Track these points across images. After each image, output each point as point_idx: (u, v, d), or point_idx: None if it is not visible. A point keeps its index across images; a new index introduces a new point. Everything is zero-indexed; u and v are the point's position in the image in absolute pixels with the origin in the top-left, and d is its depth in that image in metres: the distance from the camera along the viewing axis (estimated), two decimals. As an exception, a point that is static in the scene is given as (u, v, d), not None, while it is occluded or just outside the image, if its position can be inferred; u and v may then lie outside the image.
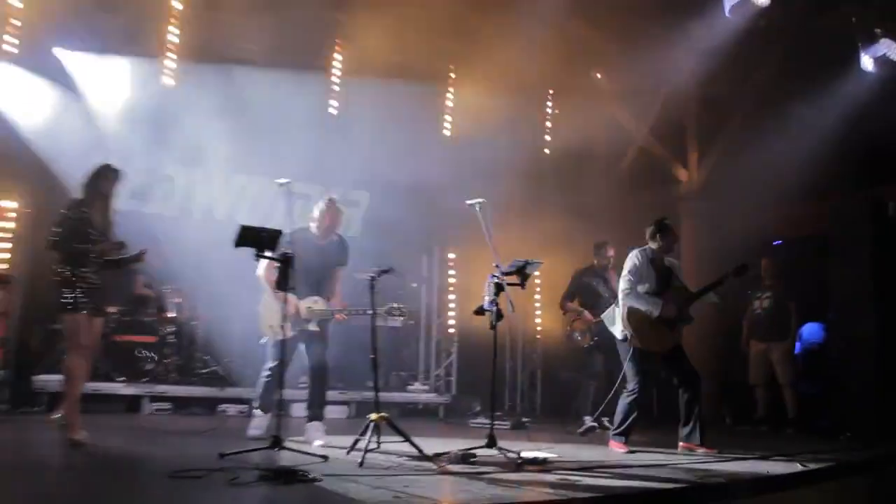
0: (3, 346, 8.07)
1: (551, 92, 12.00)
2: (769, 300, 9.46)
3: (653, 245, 6.94)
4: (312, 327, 6.43)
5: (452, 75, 11.25)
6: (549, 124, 11.98)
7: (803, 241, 10.40)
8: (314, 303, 6.46)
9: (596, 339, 8.48)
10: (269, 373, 6.56)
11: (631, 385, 6.78)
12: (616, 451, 6.61)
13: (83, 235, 5.68)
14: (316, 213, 6.70)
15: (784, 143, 9.36)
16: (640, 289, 6.75)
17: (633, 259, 6.84)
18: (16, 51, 8.78)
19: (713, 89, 10.65)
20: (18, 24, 8.82)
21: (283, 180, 5.62)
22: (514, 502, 4.25)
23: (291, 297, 6.07)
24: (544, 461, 5.54)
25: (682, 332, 6.96)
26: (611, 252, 8.83)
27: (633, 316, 6.71)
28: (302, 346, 6.56)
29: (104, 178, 5.92)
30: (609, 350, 8.39)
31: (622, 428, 6.72)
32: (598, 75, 11.41)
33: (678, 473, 5.30)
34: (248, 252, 5.45)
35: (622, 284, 6.81)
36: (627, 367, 6.79)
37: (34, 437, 6.54)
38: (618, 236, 8.97)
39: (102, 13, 9.13)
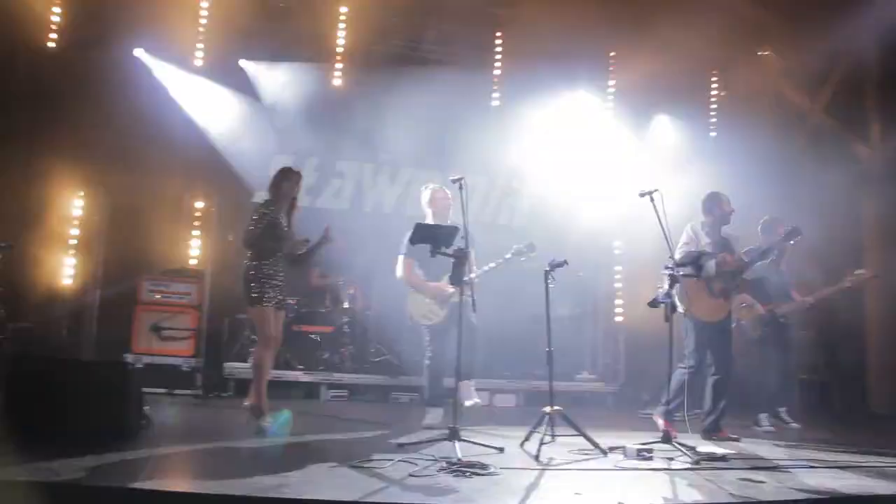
0: (196, 336, 8.66)
1: (716, 72, 11.56)
2: None
3: (705, 219, 6.84)
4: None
5: (612, 59, 11.04)
6: (714, 106, 11.55)
7: None
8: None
9: (766, 329, 8.05)
10: (428, 361, 6.99)
11: (689, 360, 6.65)
12: (659, 425, 6.47)
13: (273, 233, 6.01)
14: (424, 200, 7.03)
15: None
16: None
17: (687, 232, 6.83)
18: (202, 63, 9.47)
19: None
20: (203, 38, 9.58)
21: (456, 176, 5.70)
22: (697, 502, 4.13)
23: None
24: (723, 458, 5.37)
25: (731, 306, 6.76)
26: (781, 230, 8.25)
27: (687, 284, 6.52)
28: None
29: (287, 179, 6.22)
30: (779, 341, 8.02)
31: (670, 405, 6.60)
32: (766, 53, 10.86)
33: (871, 476, 4.99)
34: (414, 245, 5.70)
35: (677, 256, 6.53)
36: (686, 341, 6.68)
37: (225, 422, 6.98)
38: (793, 222, 8.51)
39: (276, 23, 9.61)
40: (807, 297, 8.06)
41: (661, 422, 6.54)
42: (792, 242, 6.67)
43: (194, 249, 9.57)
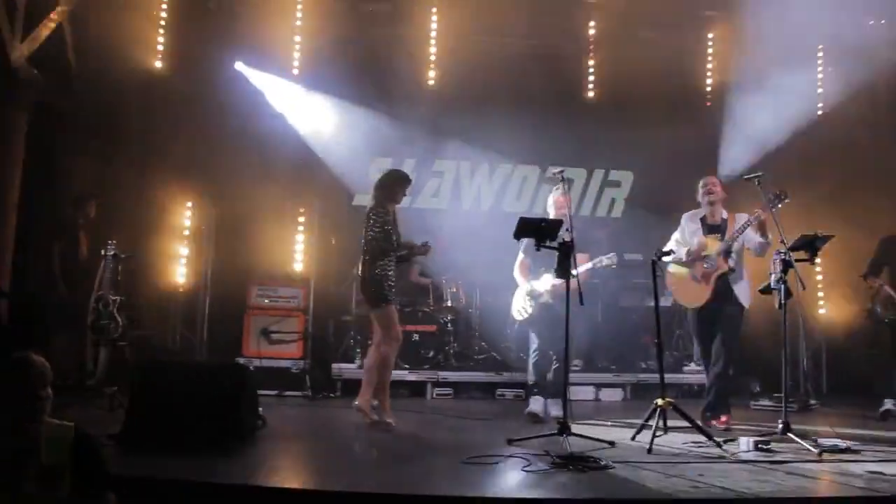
0: (304, 338, 8.88)
1: (821, 48, 11.09)
2: None
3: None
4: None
5: (711, 37, 10.79)
6: (820, 84, 11.09)
7: None
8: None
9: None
10: (535, 354, 7.06)
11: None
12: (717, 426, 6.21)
13: (390, 236, 6.20)
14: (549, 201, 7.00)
15: None
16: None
17: (682, 219, 6.77)
18: (298, 71, 9.77)
19: None
20: (300, 46, 9.87)
21: (556, 169, 5.67)
22: (823, 496, 3.99)
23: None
24: (847, 449, 5.18)
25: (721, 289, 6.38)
26: None
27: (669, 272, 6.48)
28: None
29: (400, 185, 6.41)
30: None
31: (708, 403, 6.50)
32: (876, 22, 10.35)
33: None
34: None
35: (668, 247, 6.51)
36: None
37: (336, 421, 7.12)
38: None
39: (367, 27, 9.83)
40: None
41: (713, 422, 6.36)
42: (780, 206, 6.14)
43: (298, 254, 9.80)
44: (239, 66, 9.54)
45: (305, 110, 9.82)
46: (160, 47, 9.65)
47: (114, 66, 8.72)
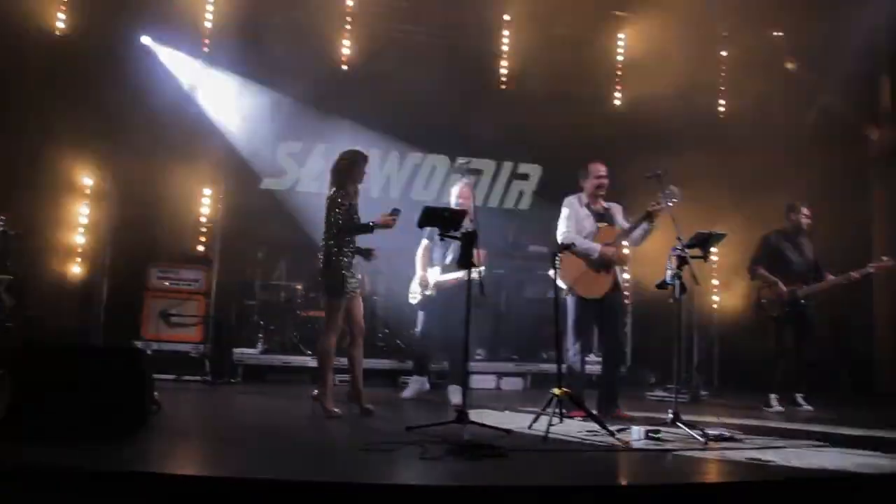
0: (206, 322, 8.71)
1: (724, 53, 11.49)
2: None
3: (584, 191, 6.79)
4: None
5: (621, 41, 11.02)
6: (722, 87, 11.50)
7: None
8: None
9: (787, 310, 8.02)
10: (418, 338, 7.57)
11: (570, 341, 6.59)
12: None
13: (350, 218, 6.16)
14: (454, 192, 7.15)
15: None
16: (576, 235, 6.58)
17: (565, 206, 6.75)
18: (208, 50, 9.52)
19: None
20: (211, 24, 9.63)
21: (463, 160, 5.70)
22: (706, 482, 4.16)
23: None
24: (731, 438, 5.39)
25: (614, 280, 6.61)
26: (805, 212, 8.25)
27: (567, 262, 6.42)
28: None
29: (359, 164, 6.29)
30: (797, 323, 8.01)
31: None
32: (778, 33, 10.79)
33: (881, 456, 4.99)
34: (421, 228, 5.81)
35: (559, 232, 6.65)
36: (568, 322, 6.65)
37: (234, 407, 7.02)
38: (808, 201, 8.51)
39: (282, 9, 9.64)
40: (836, 277, 8.02)
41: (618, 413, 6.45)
42: (671, 204, 6.24)
43: (202, 236, 9.59)
44: (145, 40, 9.24)
45: (214, 90, 9.59)
46: (62, 15, 9.22)
47: (12, 27, 8.34)
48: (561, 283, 6.41)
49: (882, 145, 10.50)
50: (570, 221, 6.68)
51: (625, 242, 6.75)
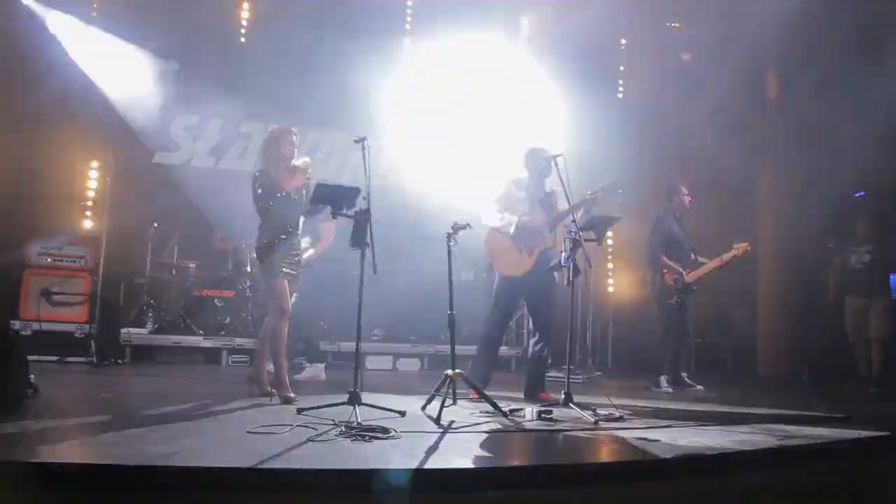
0: (90, 301, 8.34)
1: (624, 38, 11.72)
2: (868, 255, 9.06)
3: (527, 174, 6.78)
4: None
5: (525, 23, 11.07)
6: (621, 81, 11.74)
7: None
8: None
9: (682, 295, 8.23)
10: None
11: (492, 317, 6.76)
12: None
13: (266, 200, 5.95)
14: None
15: (877, 84, 8.79)
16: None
17: (499, 187, 6.74)
18: (95, 14, 9.05)
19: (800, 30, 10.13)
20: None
21: (358, 137, 5.59)
22: (592, 461, 4.22)
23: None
24: (620, 418, 5.50)
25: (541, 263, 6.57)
26: (685, 192, 8.45)
27: (493, 241, 6.63)
28: None
29: (280, 139, 6.04)
30: (683, 306, 8.24)
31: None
32: (674, 25, 11.06)
33: (757, 433, 5.19)
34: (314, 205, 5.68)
35: (489, 212, 6.65)
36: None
37: (120, 389, 6.76)
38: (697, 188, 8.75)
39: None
40: (713, 261, 8.25)
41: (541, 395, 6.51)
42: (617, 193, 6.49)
43: (88, 211, 9.18)
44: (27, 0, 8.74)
45: (102, 57, 9.15)
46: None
47: None
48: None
49: (767, 134, 10.88)
50: (502, 199, 6.65)
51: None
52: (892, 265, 9.15)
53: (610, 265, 10.89)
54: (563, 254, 5.83)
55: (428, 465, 3.85)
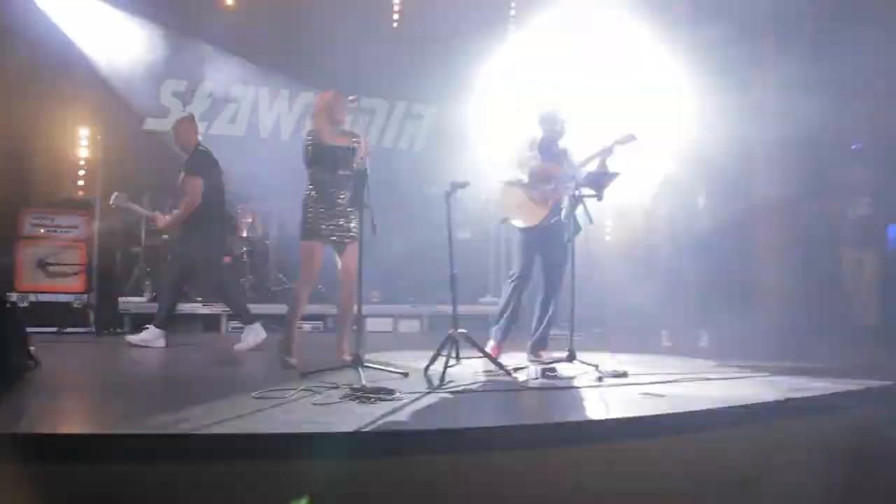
0: (87, 271, 8.28)
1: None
2: (866, 207, 8.96)
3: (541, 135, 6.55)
4: None
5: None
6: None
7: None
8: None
9: None
10: None
11: (514, 269, 6.52)
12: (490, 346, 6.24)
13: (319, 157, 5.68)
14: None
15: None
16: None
17: (514, 141, 6.58)
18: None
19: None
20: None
21: (351, 97, 5.50)
22: (599, 418, 4.22)
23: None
24: (624, 374, 5.50)
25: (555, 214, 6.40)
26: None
27: (508, 193, 6.45)
28: None
29: (332, 104, 5.81)
30: None
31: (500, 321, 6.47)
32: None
33: (761, 387, 5.20)
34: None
35: (503, 173, 6.50)
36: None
37: (121, 359, 6.73)
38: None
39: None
40: None
41: (491, 343, 6.32)
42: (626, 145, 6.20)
43: (81, 180, 9.07)
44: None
45: (90, 24, 8.98)
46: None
47: None
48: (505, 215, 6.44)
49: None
50: (514, 156, 6.47)
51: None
52: (891, 217, 9.10)
53: (609, 223, 10.82)
54: (563, 210, 5.79)
55: (436, 426, 3.84)
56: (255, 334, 7.03)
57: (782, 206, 9.92)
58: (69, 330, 7.91)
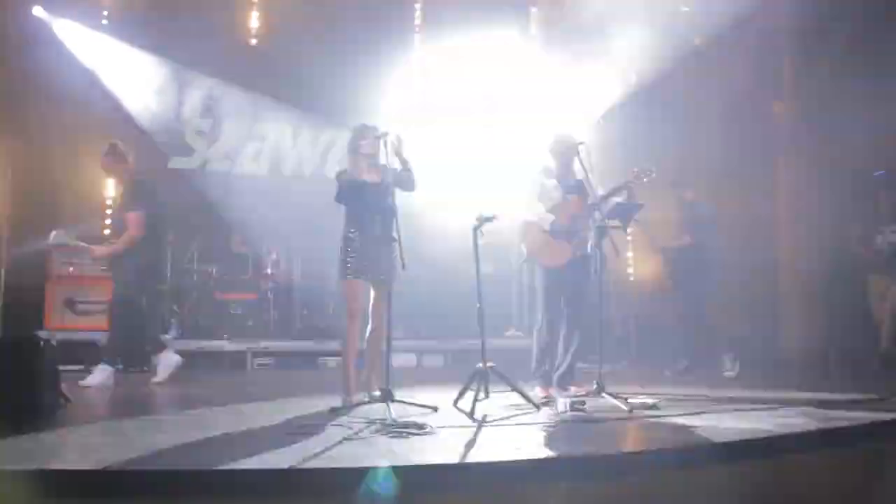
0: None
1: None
2: (895, 234, 8.92)
3: (553, 163, 6.53)
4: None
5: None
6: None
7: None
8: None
9: None
10: None
11: (541, 312, 6.40)
12: (537, 393, 6.16)
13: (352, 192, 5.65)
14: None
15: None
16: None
17: (534, 181, 6.46)
18: (106, 22, 9.07)
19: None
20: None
21: (381, 131, 5.56)
22: (633, 451, 4.19)
23: None
24: (654, 406, 5.46)
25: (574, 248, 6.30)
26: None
27: (529, 230, 6.36)
28: None
29: (354, 138, 5.82)
30: None
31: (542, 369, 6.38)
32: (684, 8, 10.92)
33: (795, 415, 5.15)
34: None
35: (530, 209, 6.38)
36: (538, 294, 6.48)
37: (149, 396, 6.76)
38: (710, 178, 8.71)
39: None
40: None
41: (538, 389, 6.23)
42: (645, 180, 6.12)
43: (108, 218, 9.17)
44: (38, 11, 8.75)
45: (115, 65, 9.18)
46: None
47: None
48: (523, 252, 6.40)
49: (785, 118, 10.72)
50: (535, 189, 6.40)
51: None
52: None
53: (630, 254, 10.81)
54: (590, 242, 5.79)
55: (469, 459, 3.83)
56: (105, 376, 6.92)
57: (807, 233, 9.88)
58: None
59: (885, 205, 9.00)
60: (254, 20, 9.86)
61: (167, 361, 7.08)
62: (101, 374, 6.91)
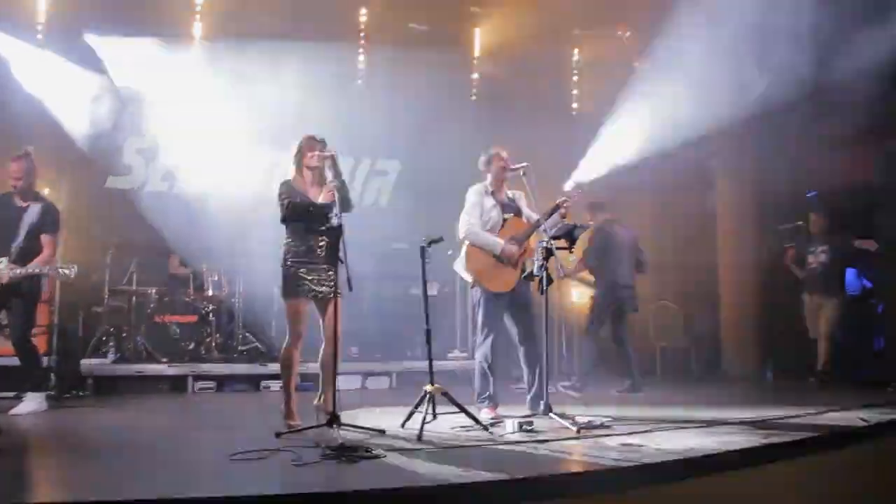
0: (48, 332, 8.07)
1: (577, 51, 11.84)
2: (825, 255, 9.19)
3: (488, 179, 6.51)
4: None
5: (477, 31, 11.12)
6: (575, 91, 11.88)
7: (849, 189, 9.72)
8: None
9: None
10: None
11: (481, 335, 6.38)
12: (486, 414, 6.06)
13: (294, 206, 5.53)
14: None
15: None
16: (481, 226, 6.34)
17: (469, 198, 6.43)
18: (41, 36, 8.85)
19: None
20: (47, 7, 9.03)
21: (325, 149, 5.52)
22: (581, 470, 4.20)
23: None
24: (602, 425, 5.50)
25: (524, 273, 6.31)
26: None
27: (473, 254, 6.30)
28: None
29: (301, 148, 5.74)
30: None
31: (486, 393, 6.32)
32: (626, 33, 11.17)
33: (739, 431, 5.24)
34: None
35: (461, 225, 6.36)
36: (478, 316, 6.43)
37: (87, 422, 6.56)
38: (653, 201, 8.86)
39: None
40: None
41: (485, 411, 6.16)
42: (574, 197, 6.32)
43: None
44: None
45: (49, 78, 8.94)
46: None
47: None
48: (467, 276, 6.31)
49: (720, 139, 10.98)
50: (476, 211, 6.35)
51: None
52: (847, 264, 9.32)
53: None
54: (536, 263, 5.83)
55: (419, 483, 3.79)
56: (37, 403, 6.70)
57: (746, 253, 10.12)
58: (30, 393, 7.66)
59: (817, 225, 9.29)
60: (196, 30, 9.71)
61: (38, 404, 6.70)
62: (32, 402, 6.62)
